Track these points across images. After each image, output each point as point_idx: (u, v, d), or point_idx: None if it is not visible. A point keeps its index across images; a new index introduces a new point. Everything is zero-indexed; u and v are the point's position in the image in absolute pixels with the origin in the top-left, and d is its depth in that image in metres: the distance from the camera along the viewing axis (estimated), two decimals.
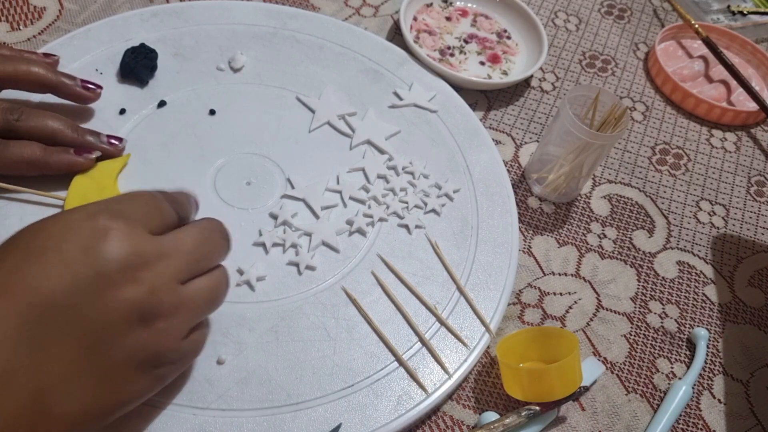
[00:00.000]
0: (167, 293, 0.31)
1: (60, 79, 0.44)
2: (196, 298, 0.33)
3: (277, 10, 0.58)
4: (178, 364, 0.33)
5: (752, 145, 0.63)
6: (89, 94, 0.46)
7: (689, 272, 0.52)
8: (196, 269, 0.33)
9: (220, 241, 0.35)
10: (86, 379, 0.29)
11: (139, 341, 0.30)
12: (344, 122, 0.52)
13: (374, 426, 0.38)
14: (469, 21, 0.65)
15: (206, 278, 0.34)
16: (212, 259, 0.34)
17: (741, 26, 0.73)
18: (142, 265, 0.30)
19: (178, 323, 0.31)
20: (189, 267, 0.32)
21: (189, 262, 0.32)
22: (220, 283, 0.35)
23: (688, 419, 0.44)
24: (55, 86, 0.44)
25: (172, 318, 0.31)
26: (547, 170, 0.51)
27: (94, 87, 0.46)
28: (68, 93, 0.45)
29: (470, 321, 0.43)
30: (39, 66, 0.43)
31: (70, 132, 0.43)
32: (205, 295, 0.33)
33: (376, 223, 0.47)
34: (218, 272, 0.35)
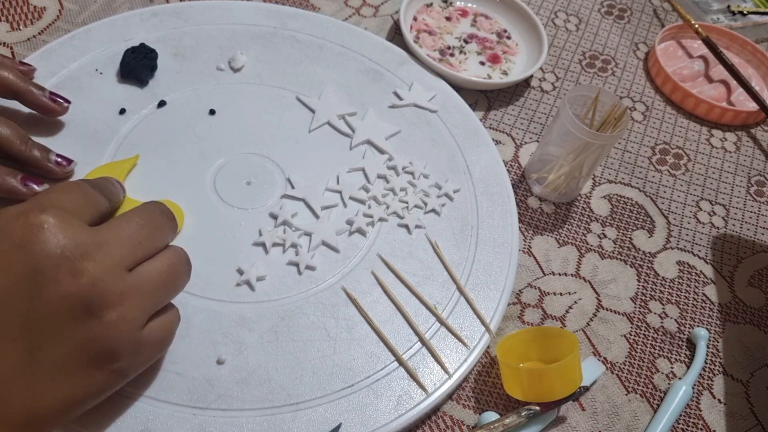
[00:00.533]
0: (111, 282, 0.30)
1: (28, 87, 0.43)
2: (147, 282, 0.32)
3: (277, 10, 0.58)
4: (140, 356, 0.32)
5: (752, 145, 0.63)
6: (55, 106, 0.45)
7: (689, 272, 0.52)
8: (142, 253, 0.32)
9: (162, 221, 0.34)
10: (38, 378, 0.28)
11: (88, 334, 0.29)
12: (344, 122, 0.52)
13: (374, 426, 0.38)
14: (469, 21, 0.65)
15: (156, 260, 0.33)
16: (157, 240, 0.33)
17: (741, 26, 0.73)
18: (81, 256, 0.29)
19: (129, 312, 0.30)
20: (133, 252, 0.31)
21: (131, 247, 0.31)
22: (173, 264, 0.33)
23: (688, 419, 0.44)
24: (22, 93, 0.43)
25: (121, 306, 0.30)
26: (547, 170, 0.51)
27: (62, 101, 0.45)
28: (34, 102, 0.44)
29: (470, 321, 0.43)
30: (8, 71, 0.43)
31: (18, 143, 0.41)
32: (157, 278, 0.32)
33: (376, 223, 0.47)
34: (169, 252, 0.34)
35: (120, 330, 0.30)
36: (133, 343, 0.31)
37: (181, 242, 0.43)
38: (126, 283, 0.30)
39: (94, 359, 0.30)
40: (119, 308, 0.30)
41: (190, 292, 0.41)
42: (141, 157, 0.46)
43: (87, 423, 0.35)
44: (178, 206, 0.44)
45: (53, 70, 0.49)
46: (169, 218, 0.35)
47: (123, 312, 0.30)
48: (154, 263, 0.33)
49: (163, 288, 0.33)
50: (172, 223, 0.35)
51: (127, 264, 0.31)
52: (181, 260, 0.34)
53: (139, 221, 0.33)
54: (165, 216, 0.35)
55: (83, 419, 0.35)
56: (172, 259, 0.34)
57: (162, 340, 0.34)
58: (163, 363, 0.38)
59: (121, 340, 0.30)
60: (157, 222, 0.34)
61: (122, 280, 0.30)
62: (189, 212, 0.44)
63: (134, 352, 0.31)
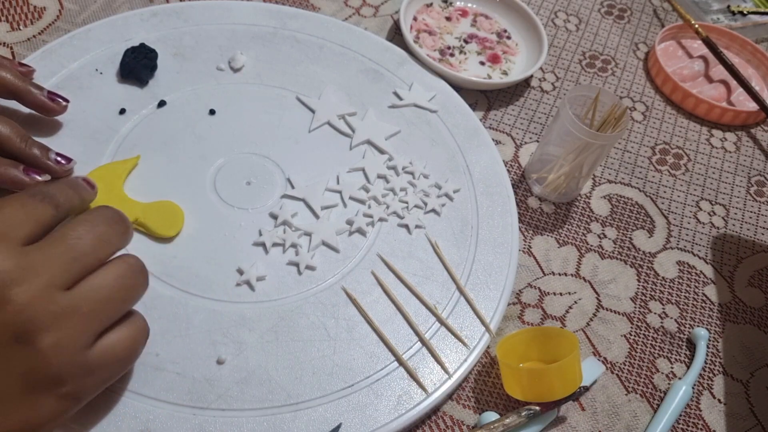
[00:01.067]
0: (42, 305, 0.28)
1: (26, 87, 0.43)
2: (88, 299, 0.30)
3: (277, 10, 0.58)
4: (92, 377, 0.30)
5: (752, 145, 0.63)
6: (54, 105, 0.45)
7: (689, 272, 0.52)
8: (79, 269, 0.30)
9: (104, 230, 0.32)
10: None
11: (25, 363, 0.28)
12: (344, 122, 0.52)
13: (374, 426, 0.38)
14: (469, 21, 0.65)
15: (99, 274, 0.31)
16: (98, 252, 0.31)
17: (741, 26, 0.73)
18: (5, 283, 0.28)
19: (67, 334, 0.29)
20: (67, 270, 0.30)
21: (65, 264, 0.30)
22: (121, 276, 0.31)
23: (688, 419, 0.44)
24: (21, 93, 0.43)
25: (57, 330, 0.28)
26: (547, 170, 0.51)
27: (61, 100, 0.45)
28: (33, 102, 0.44)
29: (470, 321, 0.43)
30: (7, 71, 0.43)
31: (18, 141, 0.41)
32: (100, 293, 0.30)
33: (376, 223, 0.47)
34: (116, 263, 0.32)
35: (59, 354, 0.28)
36: (78, 366, 0.29)
37: (181, 242, 0.43)
38: (60, 305, 0.29)
39: (37, 387, 0.28)
40: (55, 332, 0.28)
41: (189, 291, 0.41)
42: (141, 157, 0.46)
43: (86, 423, 0.35)
44: (178, 206, 0.44)
45: (53, 70, 0.49)
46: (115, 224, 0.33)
47: (60, 335, 0.28)
48: (96, 278, 0.31)
49: (108, 303, 0.31)
50: (118, 228, 0.33)
51: (61, 283, 0.29)
52: (132, 270, 0.32)
53: (74, 234, 0.31)
54: (109, 224, 0.32)
55: (82, 419, 0.35)
56: (119, 270, 0.32)
57: (120, 358, 0.32)
58: (163, 363, 0.38)
59: (62, 364, 0.29)
60: (99, 232, 0.31)
61: (55, 301, 0.29)
62: (189, 212, 0.44)
63: (81, 375, 0.30)
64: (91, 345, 0.30)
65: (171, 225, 0.43)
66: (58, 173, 0.42)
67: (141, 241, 0.42)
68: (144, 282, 0.33)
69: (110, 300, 0.31)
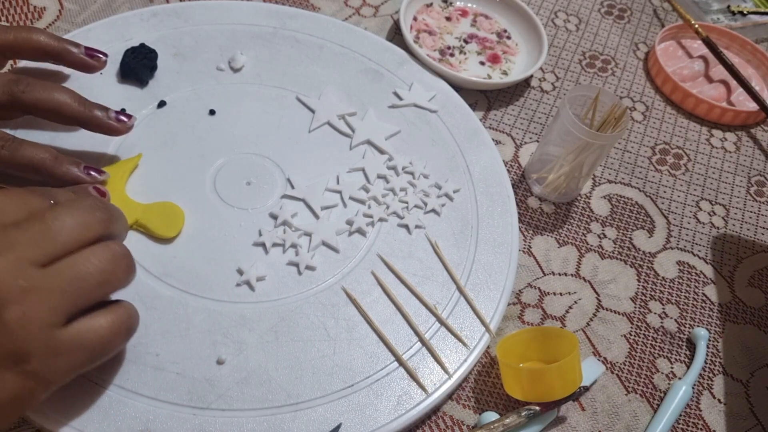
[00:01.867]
0: (11, 278, 0.28)
1: (63, 46, 0.42)
2: (61, 277, 0.29)
3: (277, 10, 0.58)
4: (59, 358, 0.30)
5: (752, 145, 0.63)
6: (94, 62, 0.44)
7: (689, 272, 0.52)
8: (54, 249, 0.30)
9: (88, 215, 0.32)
10: None
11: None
12: (344, 122, 0.52)
13: (374, 426, 0.38)
14: (469, 21, 0.65)
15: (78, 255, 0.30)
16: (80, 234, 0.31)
17: (741, 26, 0.73)
18: None
19: (34, 309, 0.28)
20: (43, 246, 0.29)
21: (41, 241, 0.29)
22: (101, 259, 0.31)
23: (688, 419, 0.44)
24: (58, 53, 0.42)
25: (23, 304, 0.28)
26: (547, 170, 0.51)
27: (100, 55, 0.44)
28: (72, 61, 0.43)
29: (470, 321, 0.43)
30: (41, 33, 0.42)
31: (77, 105, 0.41)
32: (75, 272, 0.30)
33: (376, 223, 0.47)
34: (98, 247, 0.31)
35: (24, 328, 0.28)
36: (44, 343, 0.29)
37: (181, 242, 0.43)
38: (30, 279, 0.29)
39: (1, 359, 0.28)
40: (21, 305, 0.28)
41: (189, 292, 0.41)
42: (141, 157, 0.46)
43: (86, 422, 0.35)
44: (178, 207, 0.44)
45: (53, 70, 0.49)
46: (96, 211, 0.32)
47: (26, 309, 0.28)
48: (72, 258, 0.30)
49: (82, 283, 0.30)
50: (99, 215, 0.32)
51: (34, 260, 0.29)
52: (113, 255, 0.32)
53: (53, 215, 0.31)
54: (91, 210, 0.32)
55: (82, 419, 0.35)
56: (99, 253, 0.31)
57: (94, 344, 0.31)
58: (163, 363, 0.38)
59: (26, 339, 0.28)
60: (78, 215, 0.31)
61: (25, 276, 0.29)
62: (189, 212, 0.44)
63: (47, 353, 0.29)
64: (61, 325, 0.29)
65: (171, 226, 0.43)
66: (122, 131, 0.43)
67: (141, 242, 0.42)
68: (126, 269, 0.33)
69: (83, 281, 0.30)
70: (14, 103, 0.40)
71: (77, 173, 0.41)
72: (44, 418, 0.35)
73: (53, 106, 0.40)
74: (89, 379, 0.36)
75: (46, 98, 0.40)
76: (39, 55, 0.42)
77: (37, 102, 0.40)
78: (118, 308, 0.33)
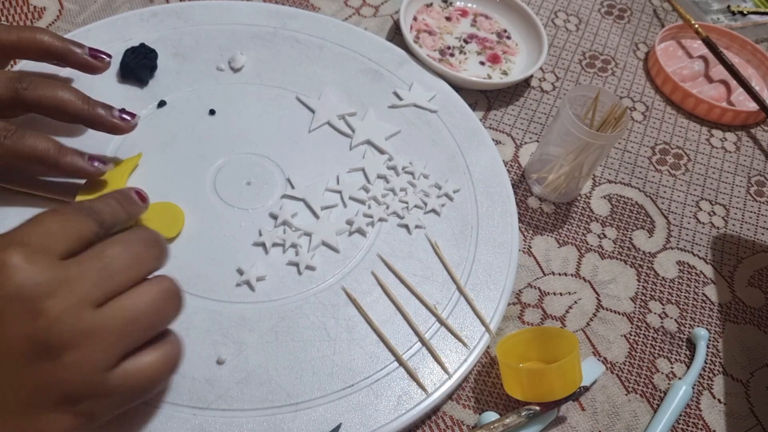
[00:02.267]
0: (68, 321, 0.28)
1: (67, 46, 0.42)
2: (116, 319, 0.29)
3: (277, 10, 0.58)
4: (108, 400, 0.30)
5: (752, 145, 0.63)
6: (98, 63, 0.43)
7: (689, 272, 0.52)
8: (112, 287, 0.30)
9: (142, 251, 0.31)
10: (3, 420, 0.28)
11: (44, 377, 0.28)
12: (344, 122, 0.52)
13: (374, 426, 0.38)
14: (469, 21, 0.65)
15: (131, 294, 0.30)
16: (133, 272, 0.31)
17: (741, 26, 0.73)
18: (40, 296, 0.28)
19: (90, 353, 0.28)
20: (100, 287, 0.29)
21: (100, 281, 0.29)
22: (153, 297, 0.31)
23: (688, 419, 0.44)
24: (62, 53, 0.42)
25: (80, 348, 0.28)
26: (547, 170, 0.51)
27: (103, 56, 0.44)
28: (76, 61, 0.42)
29: (470, 321, 0.43)
30: (44, 33, 0.41)
31: (80, 103, 0.40)
32: (129, 314, 0.30)
33: (376, 223, 0.47)
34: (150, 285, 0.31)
35: (78, 373, 0.28)
36: (95, 387, 0.29)
37: (182, 242, 0.43)
38: (88, 322, 0.28)
39: (54, 403, 0.28)
40: (78, 350, 0.28)
41: (190, 292, 0.41)
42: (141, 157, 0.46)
43: None
44: (178, 207, 0.44)
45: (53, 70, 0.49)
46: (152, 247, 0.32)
47: (82, 353, 0.28)
48: (127, 298, 0.30)
49: (135, 326, 0.30)
50: (154, 251, 0.32)
51: (92, 301, 0.29)
52: (165, 293, 0.32)
53: (110, 252, 0.30)
54: (146, 245, 0.32)
55: None
56: (151, 292, 0.31)
57: (141, 384, 0.31)
58: None
59: (80, 383, 0.28)
60: (134, 252, 0.31)
61: (84, 318, 0.28)
62: (189, 212, 0.44)
63: (98, 396, 0.29)
64: (112, 367, 0.29)
65: (171, 226, 0.43)
66: (125, 130, 0.43)
67: None
68: (178, 306, 0.32)
69: (137, 322, 0.30)
70: (17, 100, 0.39)
71: (82, 164, 0.40)
72: None
73: (57, 103, 0.40)
74: None
75: (50, 95, 0.40)
76: (42, 55, 0.42)
77: (40, 99, 0.39)
78: (165, 344, 0.32)
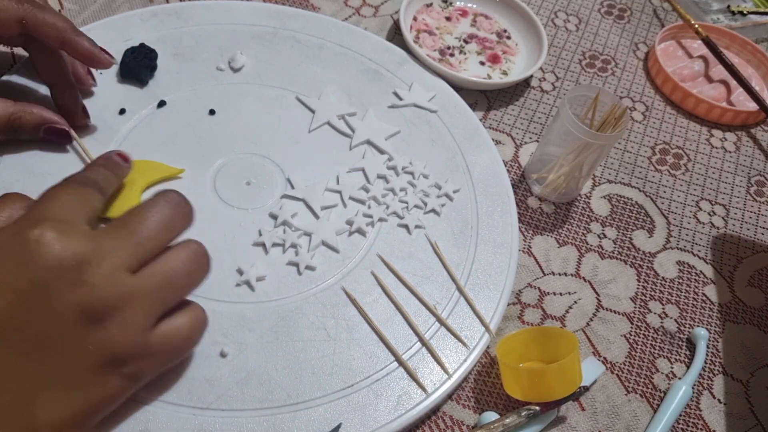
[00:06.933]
0: (109, 286, 0.30)
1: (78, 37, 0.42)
2: (151, 282, 0.31)
3: (277, 10, 0.58)
4: (151, 359, 0.32)
5: (752, 145, 0.63)
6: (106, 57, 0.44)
7: (689, 272, 0.52)
8: (144, 253, 0.32)
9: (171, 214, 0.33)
10: (54, 389, 0.29)
11: (93, 342, 0.29)
12: (344, 122, 0.52)
13: (374, 426, 0.38)
14: (469, 21, 0.65)
15: (163, 260, 0.32)
16: (165, 235, 0.33)
17: (741, 26, 0.73)
18: (79, 264, 0.29)
19: (132, 315, 0.30)
20: (134, 253, 0.31)
21: (132, 248, 0.31)
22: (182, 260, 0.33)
23: (688, 419, 0.44)
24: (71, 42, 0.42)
25: (123, 311, 0.30)
26: (547, 170, 0.51)
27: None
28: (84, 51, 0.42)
29: (470, 321, 0.43)
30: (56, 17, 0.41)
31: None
32: (162, 277, 0.32)
33: (375, 223, 0.47)
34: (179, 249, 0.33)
35: (123, 334, 0.30)
36: (140, 347, 0.31)
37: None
38: (127, 286, 0.30)
39: (104, 366, 0.30)
40: (121, 312, 0.30)
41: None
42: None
43: None
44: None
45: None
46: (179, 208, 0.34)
47: (125, 316, 0.30)
48: (160, 263, 0.32)
49: (171, 287, 0.32)
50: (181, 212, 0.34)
51: (128, 266, 0.31)
52: (195, 255, 0.33)
53: (139, 219, 0.32)
54: (173, 208, 0.34)
55: None
56: (182, 255, 0.33)
57: (179, 342, 0.33)
58: None
59: (126, 344, 0.30)
60: (163, 217, 0.33)
61: (123, 283, 0.30)
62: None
63: (142, 356, 0.31)
64: (152, 327, 0.31)
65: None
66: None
67: None
68: (206, 267, 0.34)
69: (173, 284, 0.32)
70: None
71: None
72: None
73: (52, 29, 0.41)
74: None
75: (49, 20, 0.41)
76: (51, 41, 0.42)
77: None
78: (194, 308, 0.35)
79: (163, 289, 0.32)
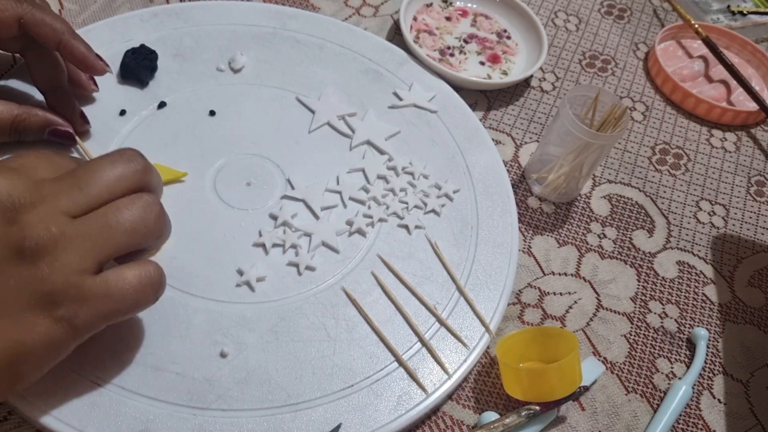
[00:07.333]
0: (44, 226, 0.30)
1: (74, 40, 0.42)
2: (92, 225, 0.31)
3: (277, 10, 0.58)
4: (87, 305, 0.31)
5: (752, 145, 0.63)
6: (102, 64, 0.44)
7: (689, 272, 0.52)
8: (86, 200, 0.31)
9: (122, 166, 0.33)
10: None
11: (22, 277, 0.29)
12: (344, 123, 0.52)
13: (374, 426, 0.38)
14: (469, 21, 0.65)
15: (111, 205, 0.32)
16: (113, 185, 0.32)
17: (741, 26, 0.73)
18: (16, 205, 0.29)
19: (65, 256, 0.30)
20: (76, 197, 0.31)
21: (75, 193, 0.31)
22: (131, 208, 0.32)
23: (688, 419, 0.44)
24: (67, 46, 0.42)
25: (56, 252, 0.30)
26: (547, 170, 0.51)
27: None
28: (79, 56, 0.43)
29: (470, 321, 0.44)
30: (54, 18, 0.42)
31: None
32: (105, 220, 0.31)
33: (375, 223, 0.47)
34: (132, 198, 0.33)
35: (55, 273, 0.30)
36: (73, 287, 0.30)
37: (182, 243, 0.43)
38: (63, 228, 0.30)
39: (34, 305, 0.30)
40: (54, 252, 0.30)
41: (190, 292, 0.41)
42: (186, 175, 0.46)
43: (86, 422, 0.35)
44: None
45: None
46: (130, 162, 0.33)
47: (58, 256, 0.30)
48: (102, 210, 0.32)
49: (112, 232, 0.31)
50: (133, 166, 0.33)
51: (67, 209, 0.31)
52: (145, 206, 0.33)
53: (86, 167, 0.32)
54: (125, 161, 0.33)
55: (82, 419, 0.35)
56: (131, 204, 0.32)
57: (119, 294, 0.31)
58: (163, 363, 0.38)
59: (57, 282, 0.30)
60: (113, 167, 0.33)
61: (59, 224, 0.30)
62: (189, 213, 0.44)
63: (75, 299, 0.30)
64: (91, 272, 0.31)
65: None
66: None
67: None
68: (157, 218, 0.33)
69: (114, 229, 0.31)
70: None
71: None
72: (44, 417, 0.35)
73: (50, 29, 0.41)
74: (89, 379, 0.36)
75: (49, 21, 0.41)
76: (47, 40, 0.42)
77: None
78: (147, 263, 0.33)
79: (102, 233, 0.31)
